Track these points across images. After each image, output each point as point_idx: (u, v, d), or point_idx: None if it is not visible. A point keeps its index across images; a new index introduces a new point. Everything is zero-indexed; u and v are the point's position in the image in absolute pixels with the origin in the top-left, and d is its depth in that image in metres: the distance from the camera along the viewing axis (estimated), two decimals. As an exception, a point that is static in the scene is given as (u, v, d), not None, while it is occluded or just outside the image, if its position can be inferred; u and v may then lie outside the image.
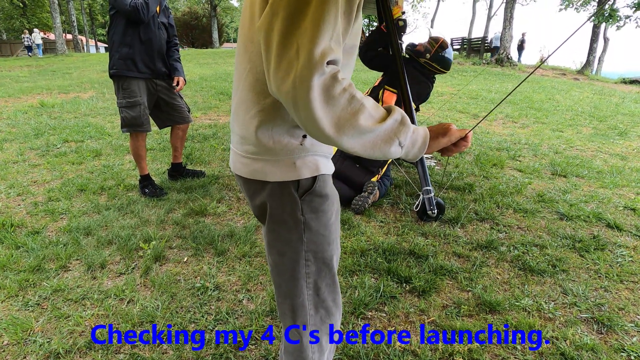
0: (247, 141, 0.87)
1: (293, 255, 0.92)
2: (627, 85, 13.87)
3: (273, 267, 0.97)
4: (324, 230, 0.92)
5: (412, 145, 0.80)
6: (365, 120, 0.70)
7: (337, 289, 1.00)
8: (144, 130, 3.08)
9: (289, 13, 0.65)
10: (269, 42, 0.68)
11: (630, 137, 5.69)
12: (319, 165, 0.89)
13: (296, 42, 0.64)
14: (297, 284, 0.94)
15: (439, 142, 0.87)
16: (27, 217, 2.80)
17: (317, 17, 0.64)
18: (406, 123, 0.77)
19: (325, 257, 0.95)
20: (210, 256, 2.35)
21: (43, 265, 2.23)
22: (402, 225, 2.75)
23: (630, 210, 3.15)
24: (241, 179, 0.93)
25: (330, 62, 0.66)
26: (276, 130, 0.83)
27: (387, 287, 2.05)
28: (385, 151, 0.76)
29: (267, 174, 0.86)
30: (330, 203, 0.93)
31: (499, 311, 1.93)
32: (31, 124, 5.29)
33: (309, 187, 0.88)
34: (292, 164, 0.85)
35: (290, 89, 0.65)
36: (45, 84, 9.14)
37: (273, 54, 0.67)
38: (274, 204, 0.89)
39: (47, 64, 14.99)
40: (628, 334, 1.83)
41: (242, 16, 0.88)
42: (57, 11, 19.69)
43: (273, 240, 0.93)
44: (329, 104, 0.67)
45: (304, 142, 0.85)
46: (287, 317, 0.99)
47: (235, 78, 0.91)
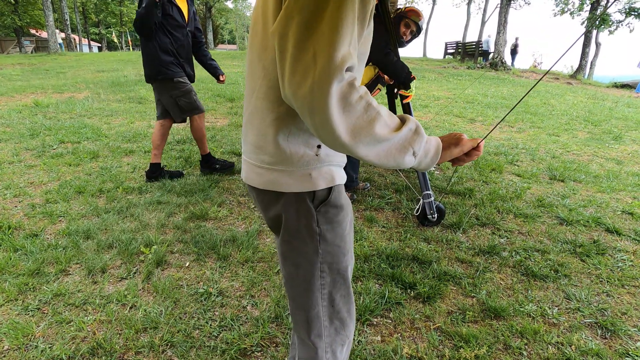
0: (262, 151, 0.85)
1: (308, 267, 0.91)
2: (618, 89, 14.07)
3: (287, 278, 0.95)
4: (339, 241, 0.91)
5: (425, 154, 0.80)
6: (381, 129, 0.70)
7: (351, 300, 0.99)
8: (202, 111, 3.62)
9: (304, 17, 0.64)
10: (283, 46, 0.66)
11: (625, 141, 5.75)
12: (334, 176, 0.88)
13: (312, 47, 0.63)
14: (312, 295, 0.93)
15: (451, 152, 0.87)
16: (24, 219, 2.76)
17: (335, 22, 0.63)
18: (420, 132, 0.77)
19: (340, 268, 0.93)
20: (213, 261, 2.33)
21: (42, 268, 2.20)
22: (404, 230, 2.75)
23: (628, 214, 3.18)
24: (254, 189, 0.91)
25: (348, 68, 0.65)
26: (292, 139, 0.82)
27: (392, 293, 2.05)
28: (399, 160, 0.75)
29: (283, 184, 0.84)
30: (345, 213, 0.92)
31: (504, 317, 1.94)
32: (26, 124, 5.23)
33: (324, 198, 0.87)
34: (308, 175, 0.84)
35: (307, 94, 0.64)
36: (39, 83, 9.04)
37: (288, 59, 0.65)
38: (289, 216, 0.87)
39: (39, 63, 14.82)
40: (632, 338, 1.84)
41: (254, 25, 0.86)
42: (49, 9, 19.44)
43: (288, 251, 0.92)
44: (346, 111, 0.65)
45: (319, 152, 0.84)
46: (301, 329, 0.98)
47: (248, 87, 0.89)
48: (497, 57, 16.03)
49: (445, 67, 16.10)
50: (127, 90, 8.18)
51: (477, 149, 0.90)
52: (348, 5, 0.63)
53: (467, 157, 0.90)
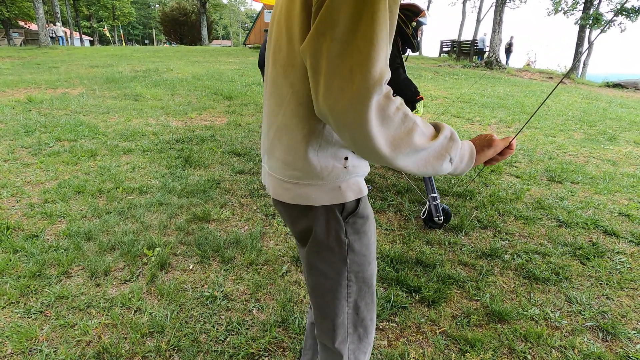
0: (291, 166, 0.85)
1: (335, 276, 0.92)
2: (610, 88, 14.23)
3: (314, 288, 0.96)
4: (365, 250, 0.93)
5: (460, 160, 0.82)
6: (419, 139, 0.71)
7: (374, 307, 1.01)
8: None
9: (339, 33, 0.64)
10: (317, 64, 0.66)
11: (619, 142, 5.82)
12: (361, 187, 0.89)
13: (349, 63, 0.63)
14: (338, 304, 0.95)
15: (485, 155, 0.89)
16: (23, 219, 2.72)
17: (370, 36, 0.63)
18: (455, 139, 0.78)
19: (365, 277, 0.95)
20: (217, 264, 2.32)
21: (44, 270, 2.17)
22: (407, 233, 2.76)
23: (624, 216, 3.22)
24: (282, 204, 0.92)
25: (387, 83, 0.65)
26: (322, 154, 0.82)
27: (397, 297, 2.06)
28: (437, 168, 0.77)
29: (313, 198, 0.85)
30: (370, 223, 0.93)
31: (508, 321, 1.96)
32: (20, 120, 5.15)
33: (353, 210, 0.88)
34: (338, 188, 0.85)
35: (345, 109, 0.64)
36: (32, 78, 8.91)
37: (323, 75, 0.66)
38: (319, 228, 0.88)
39: (30, 56, 14.59)
40: (632, 341, 1.87)
41: (276, 41, 0.85)
42: (39, 1, 19.08)
43: (315, 262, 0.93)
44: (385, 123, 0.66)
45: (347, 164, 0.85)
46: (326, 337, 0.99)
47: (272, 104, 0.88)
48: (492, 55, 16.10)
49: (441, 65, 16.14)
50: (122, 86, 8.09)
51: (510, 148, 0.92)
52: (382, 20, 0.64)
53: (501, 156, 0.93)
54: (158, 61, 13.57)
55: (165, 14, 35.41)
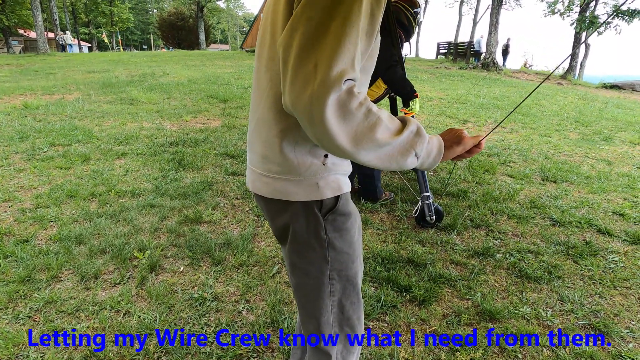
0: (269, 160, 0.85)
1: (318, 275, 0.91)
2: (607, 89, 14.27)
3: (297, 287, 0.96)
4: (348, 248, 0.92)
5: (427, 155, 0.81)
6: (382, 134, 0.70)
7: (361, 307, 1.00)
8: None
9: (309, 29, 0.65)
10: (287, 56, 0.67)
11: (615, 142, 5.83)
12: (341, 184, 0.88)
13: (315, 58, 0.64)
14: (322, 303, 0.94)
15: (454, 151, 0.89)
16: (14, 224, 2.71)
17: (339, 36, 0.64)
18: (422, 134, 0.77)
19: (349, 275, 0.94)
20: (207, 265, 2.31)
21: (33, 275, 2.16)
22: (399, 232, 2.76)
23: (618, 215, 3.21)
24: (262, 199, 0.91)
25: (348, 80, 0.65)
26: (298, 149, 0.82)
27: (387, 297, 2.05)
28: (401, 163, 0.76)
29: (290, 193, 0.85)
30: (352, 221, 0.92)
31: (499, 319, 1.95)
32: (15, 126, 5.15)
33: (332, 207, 0.87)
34: (315, 184, 0.84)
35: (306, 104, 0.64)
36: (28, 85, 8.91)
37: (290, 68, 0.66)
38: (297, 225, 0.87)
39: (28, 63, 14.61)
40: (624, 340, 1.86)
41: (262, 34, 0.87)
42: (38, 9, 19.14)
43: (297, 260, 0.92)
44: (346, 119, 0.66)
45: (326, 161, 0.84)
46: (312, 338, 0.98)
47: (255, 96, 0.89)
48: (488, 57, 16.15)
49: (437, 67, 16.17)
50: (118, 91, 8.10)
51: (479, 146, 0.92)
52: (354, 21, 0.64)
53: (468, 153, 0.93)
54: (155, 65, 13.60)
55: (163, 19, 35.55)
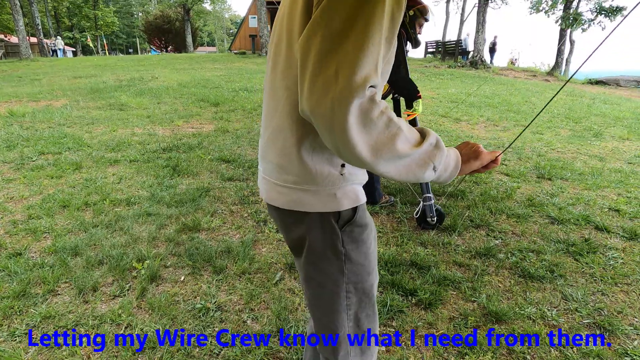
0: (285, 170, 0.83)
1: (334, 287, 0.89)
2: (593, 85, 14.50)
3: (312, 299, 0.93)
4: (364, 259, 0.89)
5: (445, 169, 0.79)
6: (402, 145, 0.68)
7: (376, 319, 0.98)
8: None
9: (330, 33, 0.62)
10: (305, 61, 0.65)
11: (605, 138, 5.90)
12: (358, 195, 0.86)
13: (335, 63, 0.61)
14: (338, 316, 0.91)
15: (471, 165, 0.87)
16: (6, 237, 2.64)
17: (361, 41, 0.62)
18: (441, 147, 0.75)
19: (365, 287, 0.92)
20: (209, 274, 2.27)
21: (29, 290, 2.10)
22: (400, 235, 2.74)
23: (614, 211, 3.25)
24: (276, 209, 0.89)
25: (371, 86, 0.63)
26: (316, 157, 0.80)
27: (393, 301, 2.03)
28: (419, 175, 0.74)
29: (307, 204, 0.82)
30: (369, 232, 0.90)
31: (505, 321, 1.94)
32: (1, 135, 5.03)
33: (349, 218, 0.85)
34: (333, 195, 0.82)
35: (327, 111, 0.62)
36: (13, 91, 8.74)
37: (308, 73, 0.64)
38: (313, 236, 0.85)
39: (11, 69, 14.34)
40: (629, 337, 1.87)
41: (277, 43, 0.84)
42: (19, 13, 18.76)
43: (312, 272, 0.90)
44: (367, 128, 0.64)
45: (343, 171, 0.82)
46: (327, 350, 0.96)
47: (270, 106, 0.87)
48: (476, 55, 16.30)
49: (427, 66, 16.27)
50: (106, 96, 7.98)
51: (495, 162, 0.90)
52: (376, 26, 0.62)
53: (484, 168, 0.91)
54: (143, 70, 13.44)
55: (149, 22, 35.13)
